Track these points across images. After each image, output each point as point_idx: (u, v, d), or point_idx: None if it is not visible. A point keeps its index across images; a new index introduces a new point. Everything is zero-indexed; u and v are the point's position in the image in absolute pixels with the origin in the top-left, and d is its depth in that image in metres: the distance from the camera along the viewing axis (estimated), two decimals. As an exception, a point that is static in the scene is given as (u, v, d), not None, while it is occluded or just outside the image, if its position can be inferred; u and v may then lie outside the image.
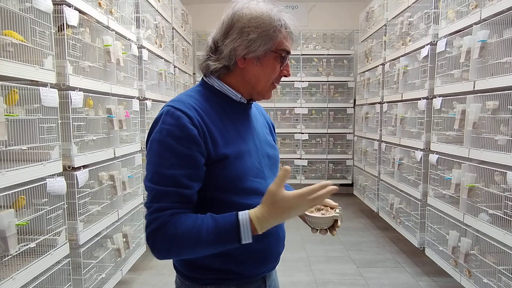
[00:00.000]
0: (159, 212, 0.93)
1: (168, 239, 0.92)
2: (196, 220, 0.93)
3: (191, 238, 0.91)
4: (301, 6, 6.46)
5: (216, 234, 0.91)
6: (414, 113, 3.47)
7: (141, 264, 3.47)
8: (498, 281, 2.19)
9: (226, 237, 0.91)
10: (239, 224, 0.90)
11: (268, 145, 1.16)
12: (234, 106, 1.09)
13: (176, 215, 0.94)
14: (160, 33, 3.91)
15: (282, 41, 1.03)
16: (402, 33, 3.75)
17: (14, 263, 1.70)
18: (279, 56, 1.04)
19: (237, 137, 1.05)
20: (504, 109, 2.16)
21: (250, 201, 1.00)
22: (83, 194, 2.28)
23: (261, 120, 1.21)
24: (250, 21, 1.00)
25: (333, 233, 1.05)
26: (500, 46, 2.26)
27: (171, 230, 0.92)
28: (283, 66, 1.06)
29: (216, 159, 0.99)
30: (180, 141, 0.95)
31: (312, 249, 3.91)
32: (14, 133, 1.71)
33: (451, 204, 2.73)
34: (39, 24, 1.84)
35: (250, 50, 1.01)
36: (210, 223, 0.92)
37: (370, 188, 4.92)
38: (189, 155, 0.95)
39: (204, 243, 0.92)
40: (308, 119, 6.22)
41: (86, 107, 2.36)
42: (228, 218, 0.92)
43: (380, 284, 3.13)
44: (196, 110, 0.99)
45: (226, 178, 1.00)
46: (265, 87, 1.08)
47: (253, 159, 1.06)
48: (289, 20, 1.05)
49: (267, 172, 1.10)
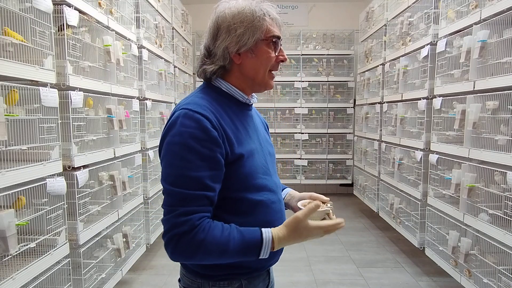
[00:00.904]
0: (187, 216, 0.95)
1: (195, 245, 0.94)
2: (224, 231, 0.97)
3: (219, 248, 0.95)
4: (301, 6, 6.46)
5: (241, 248, 0.96)
6: (414, 113, 3.47)
7: (141, 264, 3.47)
8: (498, 281, 2.19)
9: (250, 252, 0.97)
10: (262, 243, 0.97)
11: (268, 144, 1.22)
12: (240, 106, 1.13)
13: (204, 219, 0.96)
14: (160, 33, 3.91)
15: (269, 28, 1.07)
16: (402, 33, 3.75)
17: (14, 263, 1.70)
18: (270, 42, 1.08)
19: (246, 136, 1.09)
20: (504, 109, 2.16)
21: (260, 197, 1.07)
22: (83, 194, 2.28)
23: (258, 120, 1.26)
24: (234, 18, 1.05)
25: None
26: (500, 46, 2.26)
27: (200, 236, 0.94)
28: (277, 52, 1.10)
29: (232, 160, 1.02)
30: (204, 143, 0.96)
31: (312, 249, 3.91)
32: (14, 133, 1.71)
33: (451, 204, 2.73)
34: (39, 24, 1.83)
35: (241, 44, 1.05)
36: (237, 237, 0.97)
37: (370, 188, 4.92)
38: (213, 157, 0.97)
39: (230, 254, 0.97)
40: (308, 119, 6.22)
41: (86, 107, 2.36)
42: (253, 234, 0.98)
43: (380, 284, 3.13)
44: (213, 112, 1.02)
45: (239, 177, 1.04)
46: (264, 76, 1.11)
47: (260, 157, 1.11)
48: (271, 8, 1.09)
49: (271, 169, 1.16)
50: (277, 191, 1.15)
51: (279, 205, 1.14)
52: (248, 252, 0.97)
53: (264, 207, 1.08)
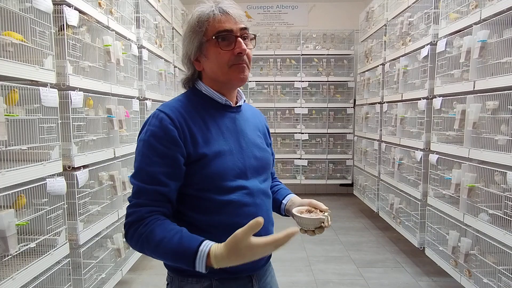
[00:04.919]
0: (137, 208, 1.01)
1: (137, 235, 0.99)
2: (166, 230, 0.97)
3: (153, 244, 0.97)
4: (301, 6, 6.46)
5: (174, 251, 0.95)
6: (414, 113, 3.47)
7: (141, 264, 3.47)
8: (498, 281, 2.19)
9: (182, 258, 0.94)
10: (197, 254, 0.92)
11: (257, 147, 1.17)
12: (220, 108, 1.14)
13: (153, 214, 1.00)
14: (160, 33, 3.91)
15: (214, 26, 1.06)
16: (402, 33, 3.75)
17: (14, 263, 1.70)
18: (214, 40, 1.07)
19: (218, 137, 1.09)
20: (504, 109, 2.16)
21: (229, 198, 1.06)
22: (83, 194, 2.28)
23: (252, 123, 1.23)
24: (186, 28, 1.12)
25: (317, 232, 1.09)
26: (500, 46, 2.26)
27: (142, 229, 0.98)
28: (231, 46, 1.07)
29: (195, 159, 1.04)
30: (161, 141, 1.02)
31: (312, 249, 3.91)
32: (14, 133, 1.71)
33: (451, 204, 2.73)
34: (39, 24, 1.83)
35: (191, 52, 1.11)
36: (175, 240, 0.95)
37: (370, 188, 4.92)
38: (169, 155, 1.02)
39: (161, 254, 0.98)
40: (308, 119, 6.22)
41: (86, 107, 2.36)
42: (191, 244, 0.94)
43: (380, 284, 3.13)
44: (180, 112, 1.06)
45: (206, 176, 1.05)
46: (225, 73, 1.09)
47: (235, 159, 1.09)
48: (228, 4, 1.09)
49: (251, 173, 1.13)
50: (255, 195, 1.10)
51: (254, 209, 1.09)
52: (180, 258, 0.94)
53: (233, 208, 1.06)
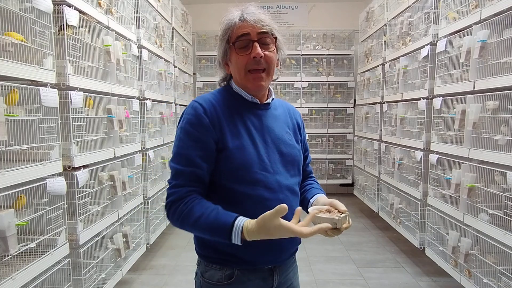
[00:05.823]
0: (177, 188, 1.11)
1: (178, 213, 1.09)
2: (204, 208, 1.08)
3: (192, 220, 1.07)
4: (301, 6, 6.46)
5: (211, 225, 1.05)
6: (414, 113, 3.47)
7: (141, 264, 3.47)
8: (498, 281, 2.19)
9: (219, 232, 1.04)
10: (233, 227, 1.03)
11: (283, 143, 1.23)
12: (247, 105, 1.23)
13: (192, 193, 1.11)
14: (160, 33, 3.91)
15: (234, 32, 1.15)
16: (402, 33, 3.75)
17: (14, 263, 1.70)
18: (233, 46, 1.16)
19: (243, 132, 1.17)
20: (504, 109, 2.16)
21: (254, 191, 1.13)
22: (83, 194, 2.28)
23: (282, 120, 1.29)
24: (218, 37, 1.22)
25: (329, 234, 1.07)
26: (500, 46, 2.26)
27: (182, 207, 1.09)
28: (247, 50, 1.14)
29: (221, 147, 1.14)
30: (195, 127, 1.13)
31: (312, 249, 3.91)
32: (14, 133, 1.71)
33: (451, 204, 2.73)
34: (39, 24, 1.83)
35: (220, 57, 1.22)
36: (212, 216, 1.05)
37: (370, 188, 4.92)
38: (202, 139, 1.12)
39: (200, 229, 1.08)
40: (308, 119, 6.22)
41: (86, 107, 2.36)
42: (227, 218, 1.04)
43: (380, 284, 3.13)
44: (212, 104, 1.17)
45: (230, 168, 1.13)
46: (243, 77, 1.18)
47: (258, 153, 1.16)
48: (248, 8, 1.17)
49: (277, 168, 1.19)
50: (278, 190, 1.16)
51: (276, 203, 1.10)
52: (217, 232, 1.04)
53: (255, 202, 1.13)
